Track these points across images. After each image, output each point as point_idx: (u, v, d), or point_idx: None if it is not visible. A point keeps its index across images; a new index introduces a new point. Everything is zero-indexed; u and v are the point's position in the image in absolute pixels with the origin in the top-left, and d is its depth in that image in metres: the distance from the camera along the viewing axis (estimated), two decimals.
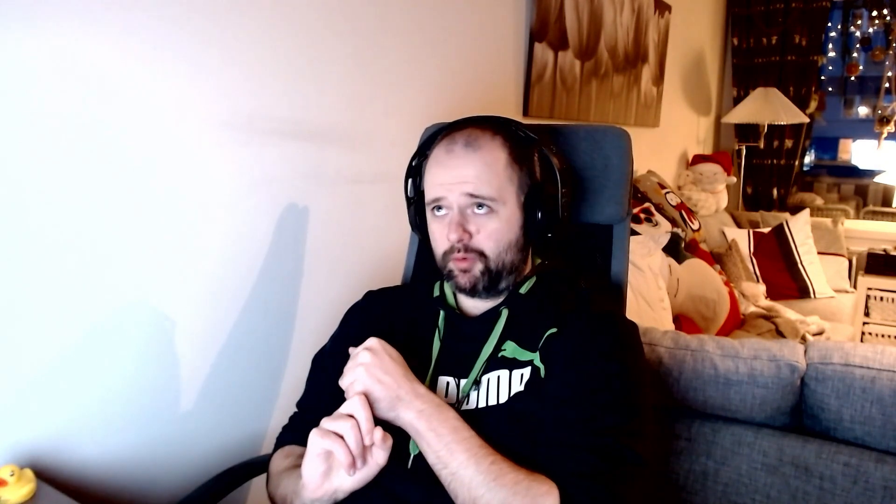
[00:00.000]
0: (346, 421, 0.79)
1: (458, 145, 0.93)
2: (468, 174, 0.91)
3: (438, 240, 0.96)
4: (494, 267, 0.93)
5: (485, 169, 0.91)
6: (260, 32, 1.24)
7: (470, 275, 0.93)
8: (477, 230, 0.92)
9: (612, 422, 0.83)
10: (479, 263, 0.93)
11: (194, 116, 1.15)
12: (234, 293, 1.27)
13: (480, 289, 0.94)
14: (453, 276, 0.95)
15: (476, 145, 0.92)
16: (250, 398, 1.34)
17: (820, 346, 1.19)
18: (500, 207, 0.92)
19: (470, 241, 0.92)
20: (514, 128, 0.98)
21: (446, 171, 0.92)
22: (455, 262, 0.93)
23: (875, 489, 1.07)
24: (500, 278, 0.95)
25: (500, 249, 0.93)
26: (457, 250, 0.92)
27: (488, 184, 0.91)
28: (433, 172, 0.95)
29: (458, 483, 0.79)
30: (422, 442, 0.83)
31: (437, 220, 0.95)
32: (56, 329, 1.00)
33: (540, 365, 0.90)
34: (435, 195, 0.94)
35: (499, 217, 0.92)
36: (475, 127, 0.96)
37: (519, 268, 0.97)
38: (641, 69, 3.08)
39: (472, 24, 1.87)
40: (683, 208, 3.09)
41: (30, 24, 0.91)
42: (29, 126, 0.93)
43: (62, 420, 1.02)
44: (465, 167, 0.91)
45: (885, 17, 4.68)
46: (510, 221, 0.94)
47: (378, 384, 0.83)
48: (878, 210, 5.08)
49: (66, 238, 0.99)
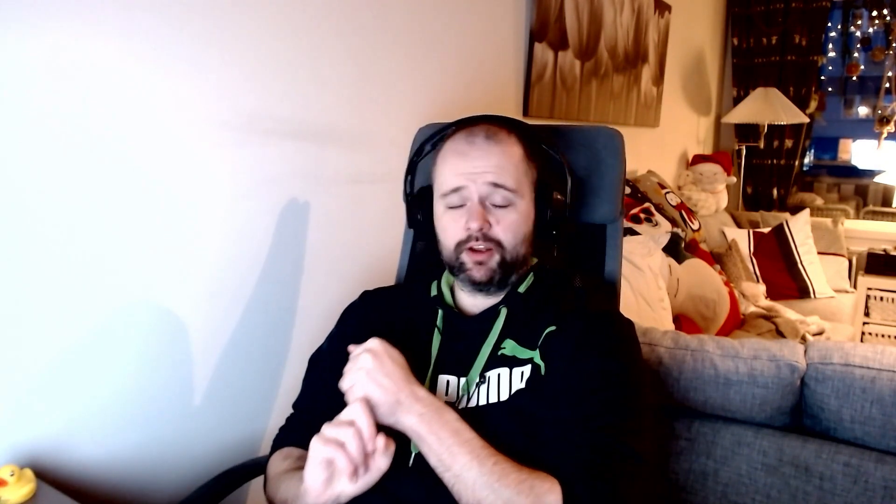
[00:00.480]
0: (348, 428, 0.78)
1: (480, 137, 0.95)
2: (490, 164, 0.93)
3: (452, 231, 0.95)
4: (510, 258, 0.94)
5: (505, 161, 0.94)
6: (260, 32, 1.24)
7: (486, 267, 0.93)
8: (496, 221, 0.93)
9: (612, 419, 0.83)
10: (496, 255, 0.93)
11: (194, 116, 1.15)
12: (233, 293, 1.27)
13: (495, 281, 0.94)
14: (465, 270, 0.95)
15: (497, 139, 0.95)
16: (249, 398, 1.34)
17: (820, 346, 1.19)
18: (517, 200, 0.94)
19: (489, 231, 0.93)
20: (523, 127, 1.01)
21: (468, 161, 0.94)
22: (470, 253, 0.94)
23: (875, 489, 1.07)
24: (512, 272, 0.96)
25: (516, 241, 0.95)
26: (475, 239, 0.93)
27: (509, 175, 0.93)
28: (452, 162, 0.96)
29: (462, 485, 0.79)
30: (423, 445, 0.82)
31: (450, 212, 0.96)
32: (56, 329, 1.00)
33: (540, 363, 0.90)
34: (454, 184, 0.94)
35: (516, 210, 0.94)
36: (491, 123, 0.98)
37: (526, 263, 0.98)
38: (641, 69, 3.08)
39: (472, 24, 1.87)
40: (683, 208, 3.09)
41: (30, 24, 0.91)
42: (29, 126, 0.93)
43: (62, 420, 1.02)
44: (487, 157, 0.93)
45: (885, 17, 4.68)
46: (526, 215, 0.96)
47: (378, 388, 0.82)
48: (878, 210, 5.08)
49: (66, 238, 0.99)
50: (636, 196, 2.88)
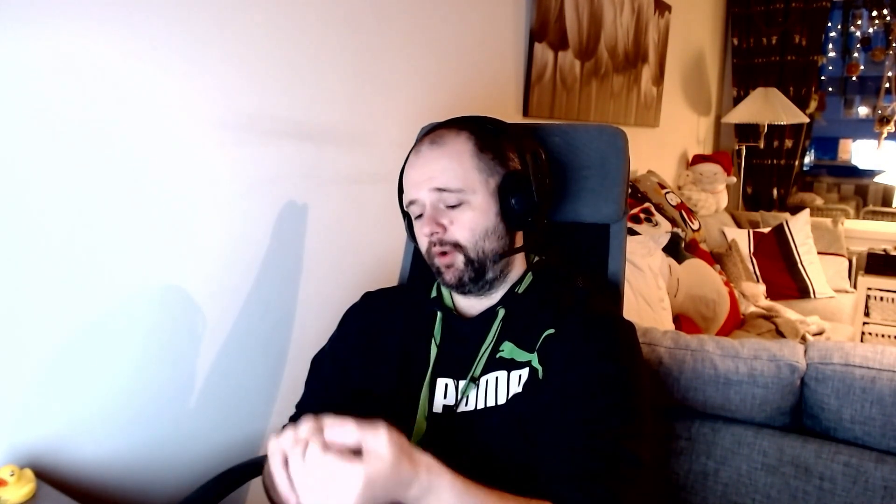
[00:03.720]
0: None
1: (425, 145, 0.96)
2: (434, 169, 0.93)
3: (420, 240, 0.97)
4: (475, 256, 0.94)
5: (449, 162, 0.93)
6: (260, 32, 1.24)
7: (453, 269, 0.94)
8: (450, 222, 0.93)
9: (611, 424, 0.82)
10: (459, 255, 0.93)
11: (194, 116, 1.15)
12: (233, 293, 1.27)
13: (466, 281, 0.94)
14: (440, 274, 0.96)
15: (440, 142, 0.95)
16: (249, 398, 1.34)
17: (820, 346, 1.19)
18: (470, 197, 0.93)
19: (444, 235, 0.93)
20: (482, 122, 1.00)
21: (415, 171, 0.95)
22: (438, 258, 0.95)
23: (875, 489, 1.07)
24: (485, 269, 0.95)
25: (476, 238, 0.94)
26: (433, 244, 0.94)
27: (454, 175, 0.93)
28: (406, 175, 0.98)
29: None
30: None
31: (416, 222, 0.97)
32: (56, 329, 1.00)
33: (538, 366, 0.90)
34: (409, 197, 0.96)
35: (471, 206, 0.93)
36: (441, 128, 0.99)
37: (504, 256, 0.96)
38: (641, 69, 3.08)
39: (472, 24, 1.87)
40: (683, 208, 3.09)
41: (30, 24, 0.91)
42: (29, 125, 0.93)
43: (62, 420, 1.02)
44: (430, 163, 0.94)
45: (885, 17, 4.68)
46: (484, 209, 0.94)
47: None
48: (878, 210, 5.08)
49: (65, 238, 0.99)
50: (636, 196, 2.88)
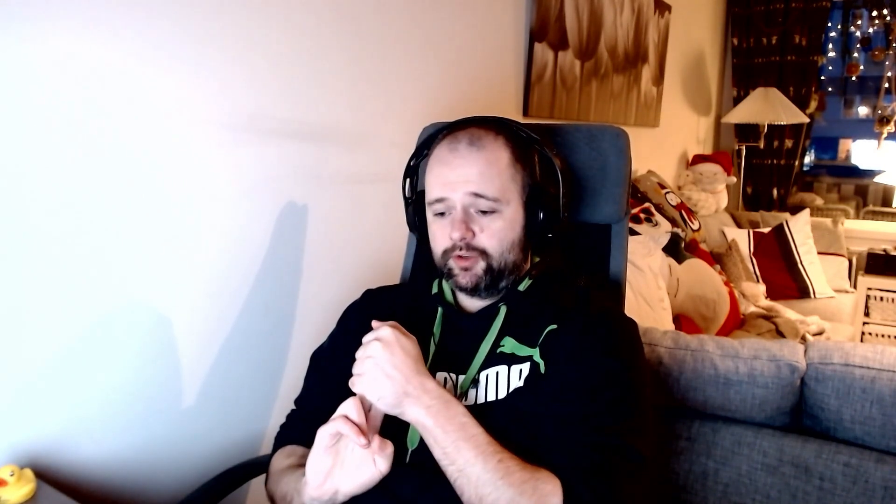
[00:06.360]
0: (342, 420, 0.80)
1: (462, 144, 0.93)
2: (472, 173, 0.91)
3: (439, 238, 0.95)
4: (497, 266, 0.93)
5: (488, 168, 0.91)
6: (260, 32, 1.24)
7: (471, 273, 0.93)
8: (480, 230, 0.92)
9: (613, 419, 0.83)
10: (482, 262, 0.92)
11: (194, 116, 1.15)
12: (233, 293, 1.27)
13: (482, 287, 0.94)
14: (453, 275, 0.94)
15: (480, 144, 0.92)
16: (250, 398, 1.34)
17: (820, 346, 1.19)
18: (503, 207, 0.92)
19: (472, 240, 0.92)
20: (514, 128, 0.98)
21: (450, 169, 0.92)
22: (456, 260, 0.93)
23: (875, 489, 1.07)
24: (502, 278, 0.94)
25: (503, 249, 0.93)
26: (458, 248, 0.92)
27: (491, 183, 0.91)
28: (436, 171, 0.94)
29: (465, 480, 0.79)
30: (429, 438, 0.82)
31: (437, 220, 0.95)
32: (56, 329, 1.00)
33: (540, 361, 0.90)
34: (438, 194, 0.93)
35: (502, 217, 0.92)
36: (478, 127, 0.96)
37: (519, 267, 0.97)
38: (641, 69, 3.08)
39: (472, 25, 1.87)
40: (683, 208, 3.09)
41: (29, 24, 0.91)
42: (28, 126, 0.93)
43: (62, 420, 1.02)
44: (468, 166, 0.91)
45: (885, 17, 4.68)
46: (513, 221, 0.94)
47: (386, 379, 0.82)
48: (878, 210, 5.08)
49: (65, 238, 0.99)
50: (636, 196, 2.88)
